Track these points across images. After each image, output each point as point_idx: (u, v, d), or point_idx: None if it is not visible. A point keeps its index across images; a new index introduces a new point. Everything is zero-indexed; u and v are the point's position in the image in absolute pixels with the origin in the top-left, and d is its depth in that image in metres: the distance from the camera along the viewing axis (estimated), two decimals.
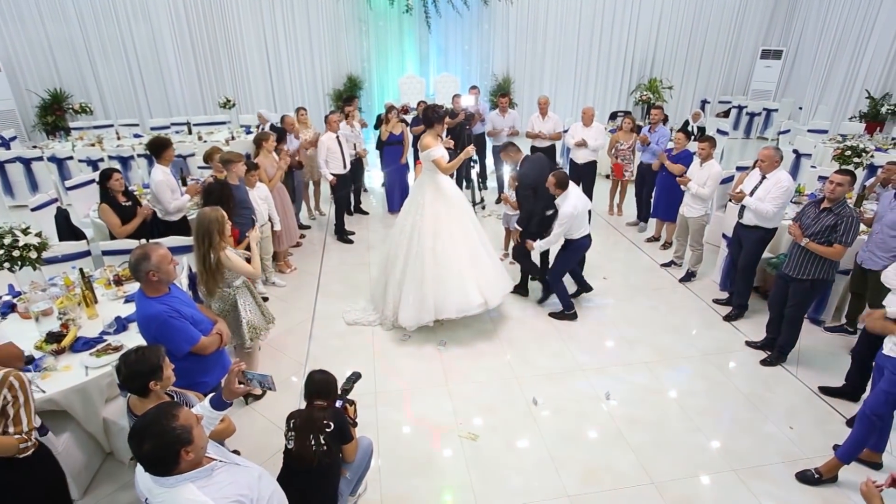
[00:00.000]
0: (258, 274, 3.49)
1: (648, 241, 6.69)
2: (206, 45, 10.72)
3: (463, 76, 11.37)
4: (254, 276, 3.48)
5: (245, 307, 3.49)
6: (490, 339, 4.68)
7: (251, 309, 3.54)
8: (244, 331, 3.46)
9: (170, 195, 4.77)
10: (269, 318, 3.81)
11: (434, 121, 4.63)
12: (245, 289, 3.54)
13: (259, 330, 3.57)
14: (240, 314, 3.45)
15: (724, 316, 4.95)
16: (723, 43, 12.43)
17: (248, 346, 3.52)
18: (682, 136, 5.87)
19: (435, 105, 4.87)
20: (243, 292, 3.51)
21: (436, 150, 4.50)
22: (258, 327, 3.57)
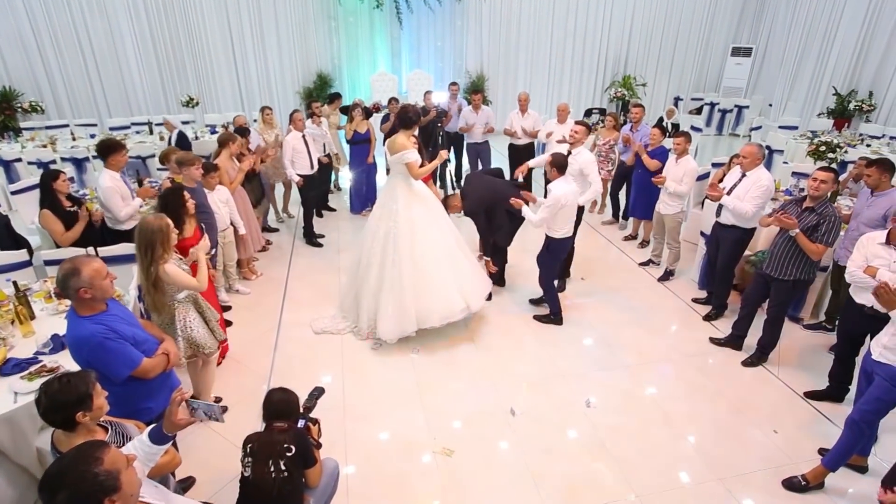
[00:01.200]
0: (203, 287, 3.20)
1: (626, 239, 6.59)
2: (168, 40, 10.25)
3: (436, 73, 11.16)
4: (198, 289, 3.20)
5: (186, 322, 3.20)
6: (466, 345, 4.48)
7: (194, 325, 3.25)
8: (179, 347, 3.18)
9: (119, 202, 4.43)
10: (220, 335, 3.52)
11: (409, 122, 4.41)
12: (189, 304, 3.25)
13: (201, 348, 3.29)
14: (176, 329, 3.17)
15: (704, 316, 4.86)
16: (694, 40, 12.51)
17: (181, 363, 3.22)
18: (657, 131, 5.77)
19: (410, 105, 4.63)
20: (185, 307, 3.22)
21: (409, 154, 4.29)
22: (201, 345, 3.28)
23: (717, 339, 4.46)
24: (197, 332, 3.29)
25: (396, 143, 4.36)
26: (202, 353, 3.34)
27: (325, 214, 7.50)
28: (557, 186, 4.31)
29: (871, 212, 3.92)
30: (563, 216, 4.41)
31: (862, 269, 3.17)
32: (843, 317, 3.54)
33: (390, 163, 4.47)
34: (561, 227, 4.48)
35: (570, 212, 4.44)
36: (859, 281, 3.21)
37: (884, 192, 3.96)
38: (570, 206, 4.40)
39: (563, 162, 4.39)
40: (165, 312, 3.17)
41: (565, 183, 4.36)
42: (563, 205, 4.29)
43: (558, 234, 4.50)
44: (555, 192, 4.29)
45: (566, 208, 4.35)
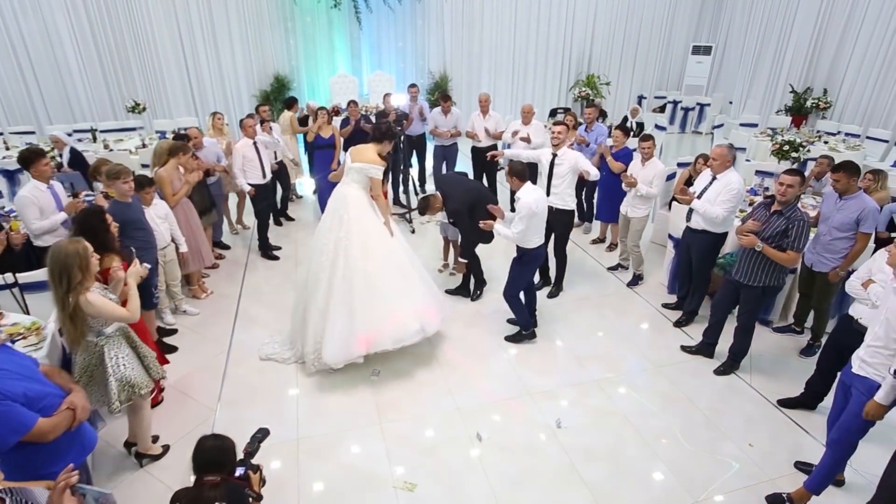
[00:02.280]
0: (135, 318, 2.86)
1: (594, 242, 6.46)
2: (112, 41, 9.65)
3: (398, 74, 10.86)
4: (130, 320, 2.86)
5: (117, 361, 2.85)
6: (428, 364, 4.23)
7: (127, 363, 2.90)
8: (112, 391, 2.82)
9: (33, 214, 4.02)
10: (157, 373, 3.18)
11: (384, 137, 4.21)
12: (120, 338, 2.90)
13: (138, 388, 2.94)
14: (106, 370, 2.81)
15: (675, 322, 4.74)
16: (656, 38, 12.57)
17: (115, 409, 2.87)
18: (620, 133, 5.64)
19: (389, 122, 4.43)
20: (116, 342, 2.87)
21: (376, 170, 4.07)
22: (137, 385, 2.92)
23: (688, 347, 4.34)
24: (132, 371, 2.94)
25: (366, 153, 4.11)
26: (138, 394, 2.98)
27: (285, 224, 7.14)
28: (526, 194, 4.05)
29: (843, 216, 3.84)
30: (535, 225, 4.12)
31: (862, 280, 3.05)
32: (837, 328, 3.41)
33: (350, 169, 4.17)
34: (534, 237, 4.18)
35: (541, 220, 4.18)
36: (855, 293, 3.09)
37: (852, 195, 3.89)
38: (542, 214, 4.15)
39: (521, 169, 4.13)
40: (90, 351, 2.82)
41: (532, 190, 4.13)
42: (535, 212, 4.01)
43: (531, 244, 4.21)
44: (524, 200, 4.00)
45: (538, 216, 4.09)
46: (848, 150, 7.86)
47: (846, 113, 9.86)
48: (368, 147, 4.14)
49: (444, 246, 5.77)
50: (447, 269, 5.75)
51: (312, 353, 4.03)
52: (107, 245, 3.18)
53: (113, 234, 3.33)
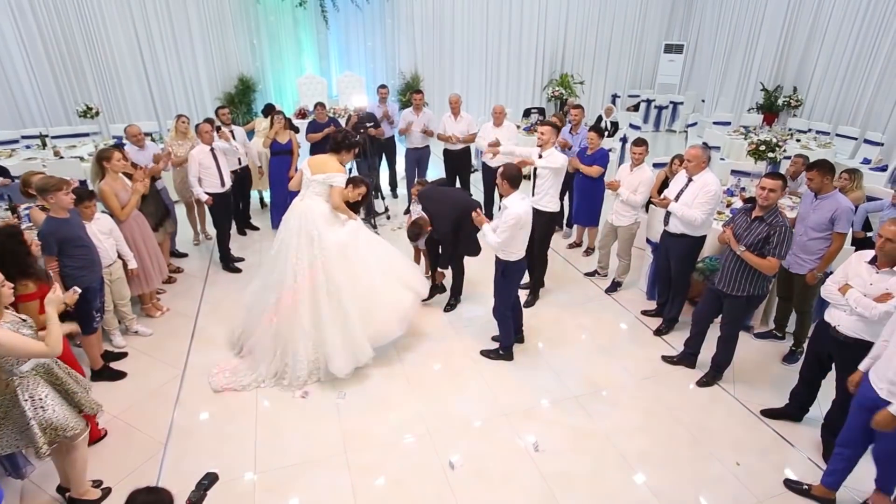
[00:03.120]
0: (55, 352, 2.53)
1: (571, 247, 6.29)
2: (63, 42, 9.08)
3: (368, 75, 10.55)
4: (48, 355, 2.54)
5: (34, 403, 2.52)
6: (398, 383, 3.98)
7: (48, 404, 2.57)
8: (34, 434, 2.50)
9: None
10: (91, 408, 2.86)
11: (342, 148, 4.00)
12: (37, 377, 2.58)
13: (62, 431, 2.61)
14: (24, 412, 2.49)
15: (655, 330, 4.58)
16: (629, 36, 12.50)
17: (42, 453, 2.54)
18: (594, 135, 5.45)
19: (346, 130, 4.22)
20: (32, 382, 2.54)
21: (339, 177, 3.93)
22: (61, 427, 2.60)
23: (669, 357, 4.18)
24: (53, 413, 2.61)
25: (326, 163, 3.91)
26: (64, 437, 2.66)
27: (248, 233, 6.80)
28: (514, 203, 3.71)
29: (818, 216, 3.73)
30: (520, 237, 3.81)
31: (839, 285, 2.92)
32: (814, 335, 3.28)
33: (308, 182, 3.94)
34: (517, 249, 3.87)
35: (526, 232, 3.85)
36: (831, 298, 2.96)
37: (827, 194, 3.78)
38: (527, 226, 3.83)
39: (515, 174, 3.76)
40: (1, 390, 2.49)
41: (521, 199, 3.76)
42: (521, 223, 3.71)
43: (514, 256, 3.88)
44: (513, 210, 3.67)
45: (524, 228, 3.78)
46: (819, 147, 7.88)
47: (815, 110, 9.93)
48: (327, 157, 3.94)
49: (414, 255, 5.52)
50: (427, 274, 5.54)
51: (307, 374, 3.89)
52: (26, 270, 2.85)
53: (34, 257, 3.00)
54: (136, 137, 5.34)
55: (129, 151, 4.93)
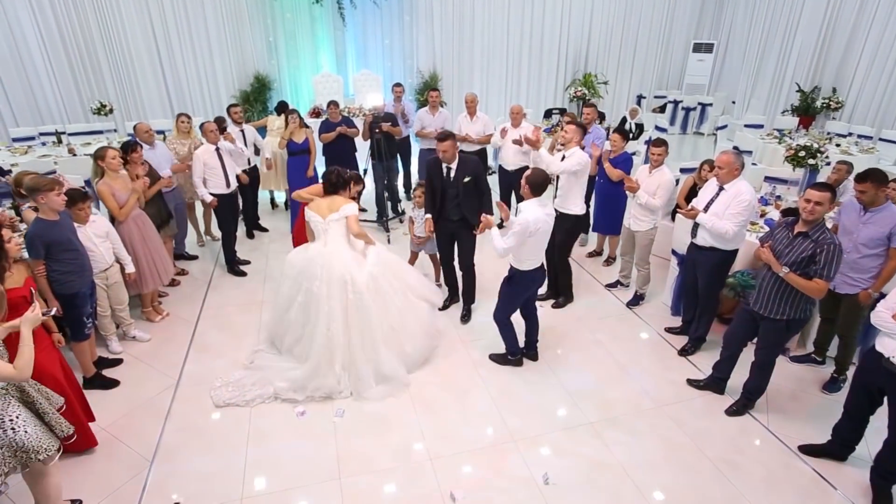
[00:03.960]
0: (24, 376, 2.34)
1: (590, 256, 5.95)
2: (81, 40, 9.10)
3: (385, 73, 10.34)
4: (17, 379, 2.35)
5: (6, 423, 2.35)
6: (400, 400, 3.72)
7: (19, 425, 2.39)
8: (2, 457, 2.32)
9: None
10: (62, 430, 2.67)
11: (339, 188, 3.90)
12: (8, 396, 2.40)
13: (34, 454, 2.43)
14: None
15: (680, 350, 4.23)
16: (655, 35, 12.03)
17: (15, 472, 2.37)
18: (618, 137, 5.12)
19: (339, 171, 3.95)
20: (3, 401, 2.36)
21: (351, 206, 3.83)
22: (32, 450, 2.42)
23: (695, 381, 3.84)
24: (23, 434, 2.42)
25: (334, 201, 3.85)
26: (36, 460, 2.47)
27: (257, 235, 6.63)
28: (529, 209, 3.49)
29: (871, 231, 3.36)
30: (532, 245, 3.56)
31: (893, 311, 2.57)
32: (863, 365, 2.91)
33: (325, 227, 3.79)
34: (528, 258, 3.63)
35: (540, 241, 3.60)
36: (884, 326, 2.61)
37: (880, 206, 3.40)
38: (542, 234, 3.57)
39: (540, 181, 3.50)
40: None
41: (539, 206, 3.52)
42: (532, 231, 3.45)
43: (524, 265, 3.66)
44: (525, 216, 3.44)
45: (537, 236, 3.52)
46: (861, 153, 7.36)
47: (857, 113, 9.36)
48: (337, 199, 3.86)
49: (409, 259, 5.30)
50: None
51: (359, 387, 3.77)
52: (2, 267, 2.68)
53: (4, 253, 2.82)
54: (146, 134, 5.21)
55: None
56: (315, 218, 3.81)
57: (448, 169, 4.37)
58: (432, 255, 5.15)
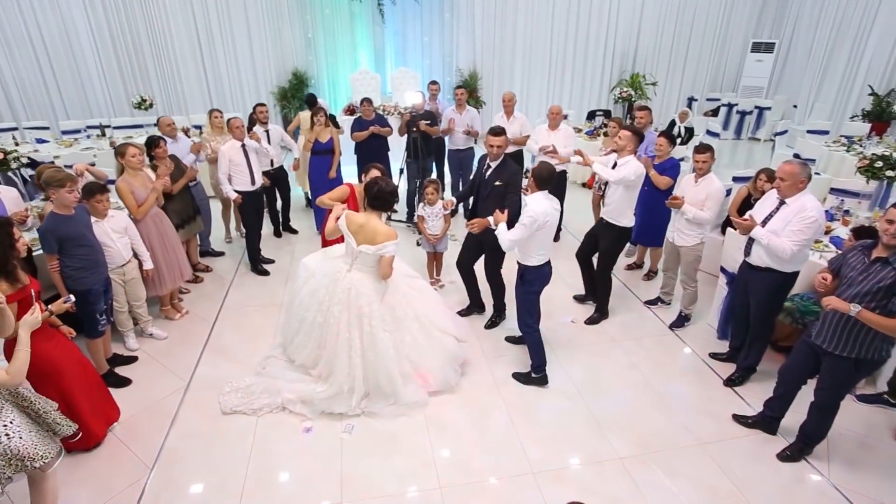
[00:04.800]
0: (15, 383, 2.23)
1: (630, 268, 5.54)
2: (129, 37, 9.34)
3: (423, 71, 10.15)
4: (8, 385, 2.23)
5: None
6: (414, 420, 3.47)
7: (14, 431, 2.28)
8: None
9: None
10: (65, 429, 2.56)
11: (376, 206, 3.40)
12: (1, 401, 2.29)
13: (30, 461, 2.31)
14: None
15: (726, 379, 3.80)
16: (710, 34, 11.33)
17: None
18: (664, 140, 4.70)
19: (381, 186, 3.37)
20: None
21: (391, 246, 3.32)
22: (29, 458, 2.30)
23: (743, 417, 3.41)
24: (18, 441, 2.31)
25: (375, 231, 3.31)
26: (32, 467, 2.36)
27: (285, 235, 6.53)
28: (536, 202, 3.44)
29: None
30: (538, 239, 3.49)
31: None
32: None
33: (355, 253, 3.41)
34: (535, 252, 3.54)
35: (547, 235, 3.53)
36: None
37: None
38: (549, 228, 3.51)
39: (546, 175, 3.46)
40: None
41: (545, 199, 3.48)
42: (540, 224, 3.40)
43: (532, 260, 3.55)
44: (532, 208, 3.39)
45: (544, 230, 3.46)
46: None
47: None
48: (373, 221, 3.36)
49: (427, 262, 5.16)
50: (437, 283, 5.13)
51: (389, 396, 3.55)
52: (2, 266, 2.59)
53: (15, 253, 2.73)
54: (168, 128, 5.19)
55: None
56: (346, 233, 3.41)
57: (488, 166, 4.15)
58: (440, 254, 5.05)
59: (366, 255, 3.37)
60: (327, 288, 3.53)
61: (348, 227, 3.39)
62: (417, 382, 3.63)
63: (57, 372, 2.94)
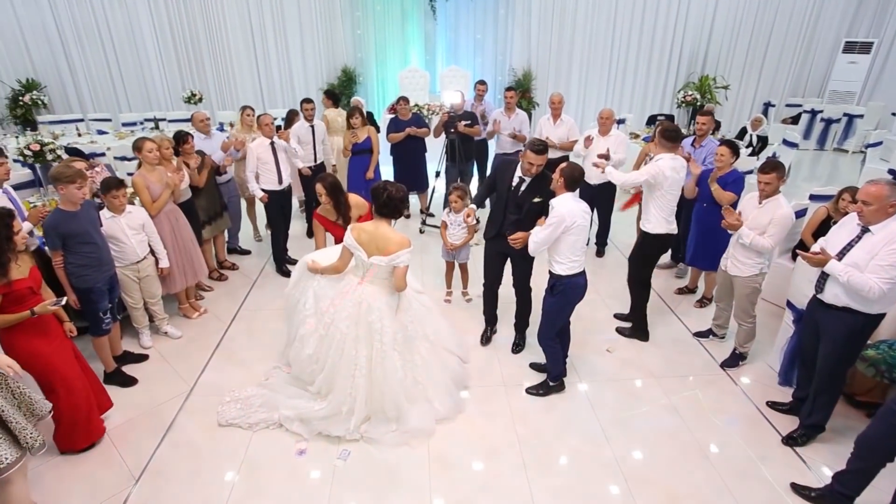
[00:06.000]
0: None
1: (680, 292, 4.94)
2: (188, 34, 9.61)
3: (474, 70, 9.79)
4: None
5: None
6: (415, 453, 3.14)
7: None
8: None
9: None
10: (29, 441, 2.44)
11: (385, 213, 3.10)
12: None
13: None
14: None
15: (786, 436, 3.21)
16: (795, 33, 10.20)
17: None
18: (726, 150, 4.09)
19: (390, 193, 3.06)
20: None
21: (404, 255, 3.03)
22: None
23: (805, 488, 2.83)
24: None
25: (388, 241, 3.02)
26: None
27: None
28: (563, 203, 3.22)
29: None
30: (568, 244, 3.22)
31: None
32: None
33: (366, 265, 3.11)
34: (566, 259, 3.25)
35: (578, 240, 3.24)
36: None
37: None
38: (579, 232, 3.22)
39: (576, 176, 3.22)
40: None
41: (573, 200, 3.24)
42: (567, 226, 3.16)
43: (562, 267, 3.27)
44: (559, 210, 3.18)
45: (573, 233, 3.20)
46: None
47: None
48: (384, 229, 3.06)
49: (446, 271, 4.83)
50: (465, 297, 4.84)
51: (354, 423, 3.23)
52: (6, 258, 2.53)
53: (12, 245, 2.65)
54: (202, 123, 5.14)
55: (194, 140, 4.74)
56: (358, 252, 3.11)
57: (521, 180, 3.66)
58: (462, 265, 4.70)
59: (378, 267, 3.08)
60: (333, 301, 3.26)
61: (357, 238, 3.09)
62: (424, 406, 3.31)
63: (49, 369, 2.87)
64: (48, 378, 2.92)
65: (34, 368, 2.84)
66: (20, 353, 2.71)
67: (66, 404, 2.96)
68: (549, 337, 3.49)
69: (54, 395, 2.91)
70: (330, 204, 3.83)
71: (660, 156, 3.79)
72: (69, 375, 2.99)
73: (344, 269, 3.23)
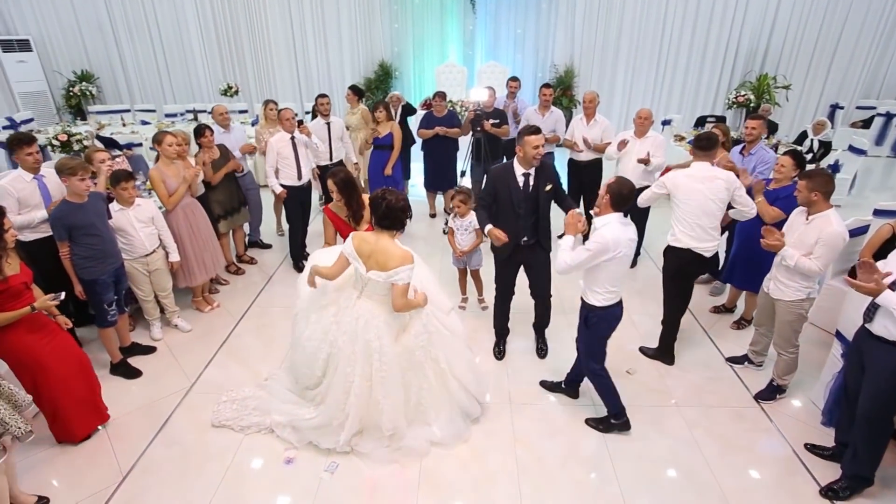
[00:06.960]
0: None
1: (716, 310, 4.52)
2: (230, 28, 9.79)
3: (514, 66, 9.47)
4: None
5: None
6: (405, 472, 2.95)
7: None
8: None
9: (11, 206, 3.48)
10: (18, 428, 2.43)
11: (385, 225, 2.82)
12: None
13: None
14: None
15: (825, 487, 2.81)
16: (870, 30, 9.26)
17: None
18: (788, 161, 3.65)
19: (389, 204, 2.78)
20: None
21: (405, 272, 2.74)
22: None
23: None
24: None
25: (387, 255, 2.75)
26: None
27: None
28: (609, 227, 2.79)
29: None
30: (608, 273, 2.85)
31: None
32: None
33: (364, 280, 2.89)
34: (603, 289, 2.89)
35: (620, 269, 2.87)
36: None
37: None
38: (622, 262, 2.84)
39: (625, 193, 2.81)
40: None
41: (620, 224, 2.81)
42: (611, 255, 2.77)
43: (598, 298, 2.90)
44: (604, 234, 2.77)
45: (615, 262, 2.81)
46: None
47: None
48: (382, 240, 2.79)
49: (459, 278, 4.60)
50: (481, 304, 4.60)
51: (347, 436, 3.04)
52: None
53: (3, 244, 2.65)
54: (221, 117, 5.13)
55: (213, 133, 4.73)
56: (357, 263, 2.88)
57: (525, 176, 3.42)
58: (475, 271, 4.45)
59: (374, 283, 2.85)
60: (336, 315, 3.05)
61: (359, 249, 2.84)
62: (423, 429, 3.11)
63: (37, 365, 2.86)
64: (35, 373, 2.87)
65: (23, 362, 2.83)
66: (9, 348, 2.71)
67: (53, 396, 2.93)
68: (594, 370, 3.12)
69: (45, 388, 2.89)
70: (341, 201, 3.66)
71: None
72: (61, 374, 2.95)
73: (336, 277, 3.04)
